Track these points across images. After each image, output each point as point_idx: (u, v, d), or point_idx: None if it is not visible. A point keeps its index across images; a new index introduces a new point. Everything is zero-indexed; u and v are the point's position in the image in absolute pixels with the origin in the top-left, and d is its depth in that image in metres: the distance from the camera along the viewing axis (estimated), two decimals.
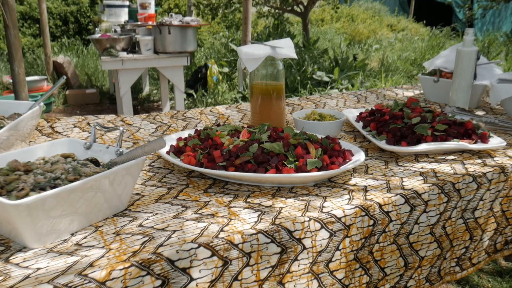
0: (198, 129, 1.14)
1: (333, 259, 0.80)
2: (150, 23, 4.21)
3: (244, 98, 4.97)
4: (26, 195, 0.69)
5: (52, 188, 0.71)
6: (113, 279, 0.60)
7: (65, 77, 1.08)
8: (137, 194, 0.89)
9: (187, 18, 3.60)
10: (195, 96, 5.26)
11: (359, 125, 1.27)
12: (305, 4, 6.21)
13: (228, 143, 0.99)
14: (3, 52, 6.67)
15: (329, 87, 5.02)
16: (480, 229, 1.03)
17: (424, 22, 12.09)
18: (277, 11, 6.53)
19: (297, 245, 0.75)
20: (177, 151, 1.03)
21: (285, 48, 1.26)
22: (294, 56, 1.26)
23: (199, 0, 6.24)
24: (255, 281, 0.72)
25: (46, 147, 0.89)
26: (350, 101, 1.73)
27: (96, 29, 4.13)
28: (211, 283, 0.68)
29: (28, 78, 5.14)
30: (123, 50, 3.58)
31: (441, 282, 1.01)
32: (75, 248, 0.68)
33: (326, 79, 5.01)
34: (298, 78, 5.05)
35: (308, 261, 0.77)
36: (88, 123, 1.32)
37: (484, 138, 1.11)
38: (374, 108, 1.31)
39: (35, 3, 7.51)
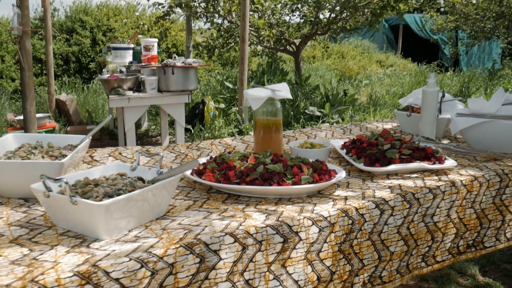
0: (213, 156, 1.42)
1: (322, 250, 1.06)
2: (153, 63, 4.56)
3: (240, 133, 5.28)
4: (100, 201, 0.95)
5: (117, 196, 0.98)
6: (168, 255, 0.87)
7: (111, 115, 1.37)
8: (170, 205, 1.16)
9: (189, 60, 3.95)
10: (192, 131, 5.55)
11: (343, 152, 1.55)
12: (297, 44, 6.64)
13: (239, 166, 1.27)
14: (5, 91, 6.97)
15: (320, 121, 5.35)
16: (440, 232, 1.30)
17: (410, 58, 12.65)
18: (270, 50, 6.95)
19: (295, 237, 1.02)
20: (198, 173, 1.30)
21: (282, 90, 1.56)
22: (290, 97, 1.56)
23: (198, 42, 6.65)
24: (265, 263, 0.99)
25: (101, 169, 1.17)
26: (337, 133, 2.03)
27: (104, 70, 4.46)
28: (233, 263, 0.95)
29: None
30: (130, 89, 3.89)
31: (410, 275, 1.27)
32: (135, 238, 0.94)
33: (317, 113, 5.35)
34: (292, 113, 5.38)
35: (303, 250, 1.03)
36: (120, 153, 1.59)
37: (440, 160, 1.40)
38: (355, 138, 1.60)
39: (38, 44, 7.90)
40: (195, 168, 1.32)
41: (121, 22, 8.48)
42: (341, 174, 1.25)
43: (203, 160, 1.43)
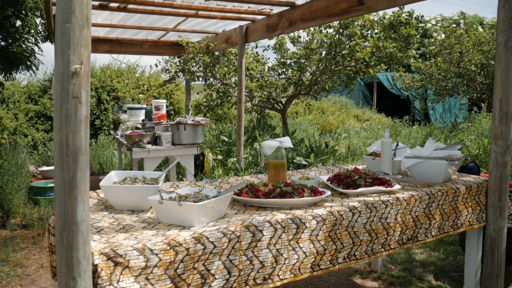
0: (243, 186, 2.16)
1: (319, 234, 1.80)
2: (163, 121, 5.36)
3: None
4: None
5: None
6: (236, 231, 1.59)
7: (179, 158, 2.12)
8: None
9: (198, 118, 4.75)
10: (195, 179, 6.26)
11: (328, 182, 2.31)
12: (284, 102, 7.57)
13: (263, 189, 2.02)
14: (24, 146, 7.61)
15: (306, 168, 6.14)
16: (392, 229, 2.05)
17: (383, 113, 13.78)
18: (260, 107, 7.85)
19: (302, 225, 1.75)
20: (237, 194, 2.04)
21: (286, 142, 2.34)
22: (291, 146, 2.35)
23: (200, 102, 7.54)
24: (287, 240, 1.71)
25: (180, 190, 1.90)
26: (323, 172, 2.80)
27: (123, 126, 5.22)
28: (270, 238, 1.67)
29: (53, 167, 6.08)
30: (148, 143, 4.64)
31: (374, 256, 2.00)
32: (213, 225, 1.67)
33: (304, 162, 6.15)
34: None
35: (308, 234, 1.77)
36: (177, 185, 2.32)
37: (390, 185, 2.17)
38: (336, 173, 2.37)
39: (49, 103, 8.67)
40: (236, 190, 2.07)
41: (123, 83, 9.36)
42: (328, 193, 2.01)
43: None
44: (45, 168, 6.20)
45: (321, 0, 3.68)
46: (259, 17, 4.92)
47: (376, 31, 6.53)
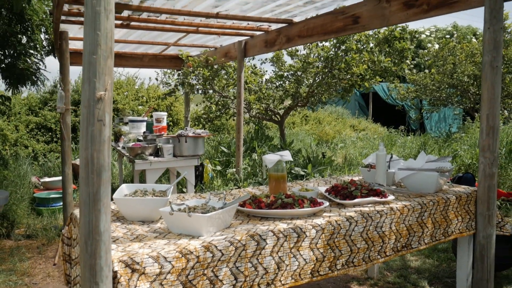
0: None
1: (318, 243, 1.93)
2: (163, 133, 5.49)
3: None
4: None
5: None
6: (242, 240, 1.72)
7: (186, 172, 2.24)
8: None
9: (199, 131, 4.88)
10: (194, 190, 6.37)
11: (326, 194, 2.45)
12: (281, 114, 7.72)
13: (266, 200, 2.15)
14: (26, 157, 7.71)
15: (304, 179, 6.27)
16: (387, 238, 2.18)
17: (379, 123, 13.97)
18: (258, 119, 8.00)
19: (303, 234, 1.88)
20: (240, 205, 2.17)
21: (286, 155, 2.48)
22: (291, 159, 2.48)
23: (199, 114, 7.69)
24: (288, 248, 1.84)
25: (188, 202, 2.02)
26: (321, 183, 2.93)
27: (125, 139, 5.35)
28: (273, 246, 1.80)
29: (56, 178, 6.21)
30: (150, 154, 4.76)
31: (371, 263, 2.13)
32: (220, 234, 1.80)
33: (302, 173, 6.28)
34: None
35: (308, 242, 1.90)
36: (183, 197, 2.45)
37: (385, 196, 2.31)
38: (333, 185, 2.51)
39: (49, 115, 8.78)
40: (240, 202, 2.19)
41: (122, 95, 9.50)
42: (326, 204, 2.14)
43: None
44: (47, 179, 6.30)
45: (318, 18, 3.84)
46: (258, 33, 5.08)
47: (371, 45, 6.71)
